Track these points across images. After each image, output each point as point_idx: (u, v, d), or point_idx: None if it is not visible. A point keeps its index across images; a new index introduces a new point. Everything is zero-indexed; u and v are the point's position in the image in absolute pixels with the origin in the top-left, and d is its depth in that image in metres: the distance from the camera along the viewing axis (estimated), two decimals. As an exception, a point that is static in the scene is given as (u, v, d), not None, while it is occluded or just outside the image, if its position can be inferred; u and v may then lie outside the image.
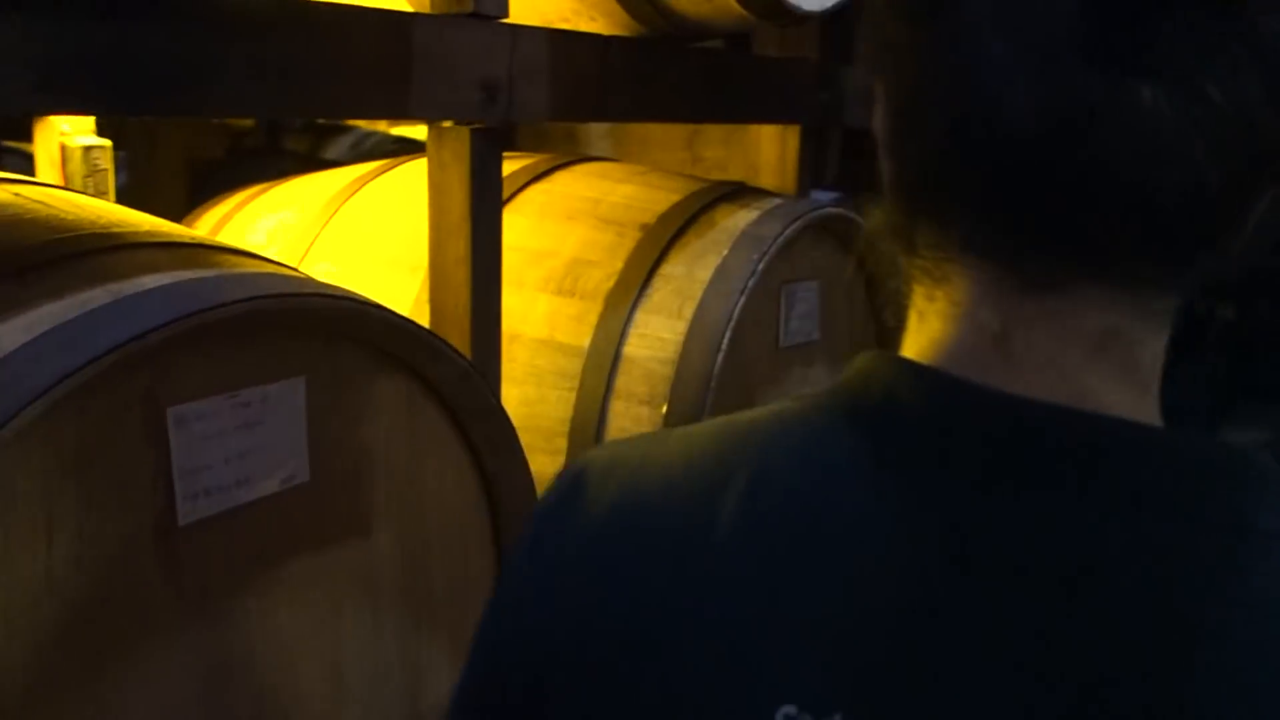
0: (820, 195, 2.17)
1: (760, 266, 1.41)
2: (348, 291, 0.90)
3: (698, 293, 1.41)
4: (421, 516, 1.04)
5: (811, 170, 2.01)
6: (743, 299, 1.38)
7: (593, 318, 1.44)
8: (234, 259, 0.93)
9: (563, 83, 1.33)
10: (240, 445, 0.86)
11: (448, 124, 1.25)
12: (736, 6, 1.41)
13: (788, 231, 1.46)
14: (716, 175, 2.10)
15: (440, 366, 1.00)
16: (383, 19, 1.12)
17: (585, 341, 1.43)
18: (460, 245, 1.26)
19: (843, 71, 1.99)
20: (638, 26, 1.47)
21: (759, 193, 1.62)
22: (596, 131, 2.22)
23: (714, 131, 2.09)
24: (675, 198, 1.55)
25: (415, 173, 1.75)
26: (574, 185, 1.61)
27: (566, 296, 1.47)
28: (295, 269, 0.97)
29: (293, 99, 1.05)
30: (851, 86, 2.02)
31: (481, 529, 1.12)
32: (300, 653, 0.95)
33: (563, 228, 1.53)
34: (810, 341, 1.64)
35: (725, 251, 1.44)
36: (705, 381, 1.36)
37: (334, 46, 1.06)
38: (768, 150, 2.00)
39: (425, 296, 1.53)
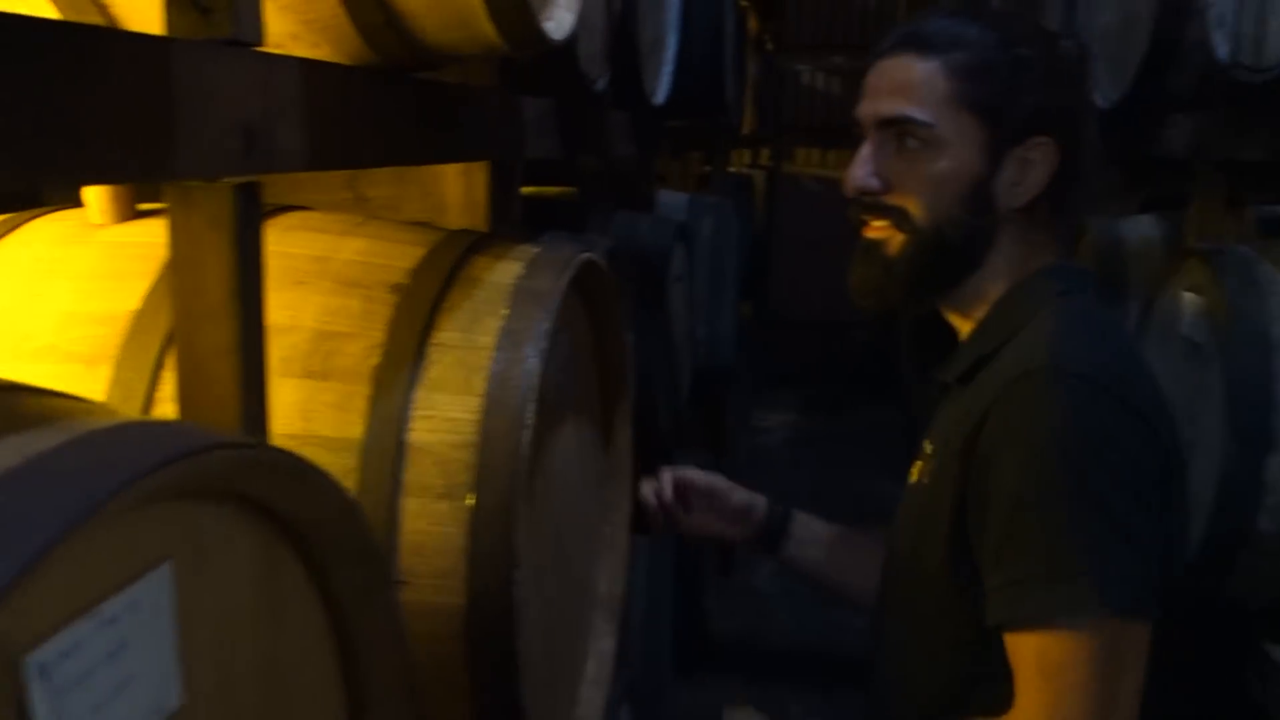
0: (493, 232, 2.02)
1: (548, 326, 1.26)
2: (237, 435, 0.64)
3: (484, 362, 1.23)
4: (288, 712, 0.78)
5: (499, 208, 1.86)
6: (539, 364, 1.23)
7: (360, 402, 1.20)
8: (38, 401, 0.62)
9: (316, 125, 1.09)
10: (110, 680, 0.58)
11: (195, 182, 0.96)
12: (492, 35, 1.24)
13: (563, 284, 1.31)
14: (389, 216, 1.88)
15: (318, 505, 0.75)
16: (137, 46, 0.83)
17: (357, 432, 1.19)
18: (225, 333, 0.98)
19: (524, 102, 1.87)
20: (371, 55, 1.25)
21: (504, 240, 1.46)
22: (234, 170, 1.89)
23: (384, 168, 1.87)
24: (419, 251, 1.34)
25: (44, 236, 1.37)
26: (285, 243, 1.34)
27: (319, 379, 1.21)
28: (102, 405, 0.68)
29: (27, 161, 0.74)
30: (532, 117, 1.91)
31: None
32: None
33: (293, 295, 1.27)
34: (565, 398, 1.51)
35: (506, 311, 1.26)
36: (514, 462, 1.18)
37: (84, 85, 0.77)
38: (453, 188, 1.82)
39: (121, 394, 1.20)
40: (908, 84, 1.25)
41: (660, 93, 3.16)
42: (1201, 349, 2.07)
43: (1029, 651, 1.12)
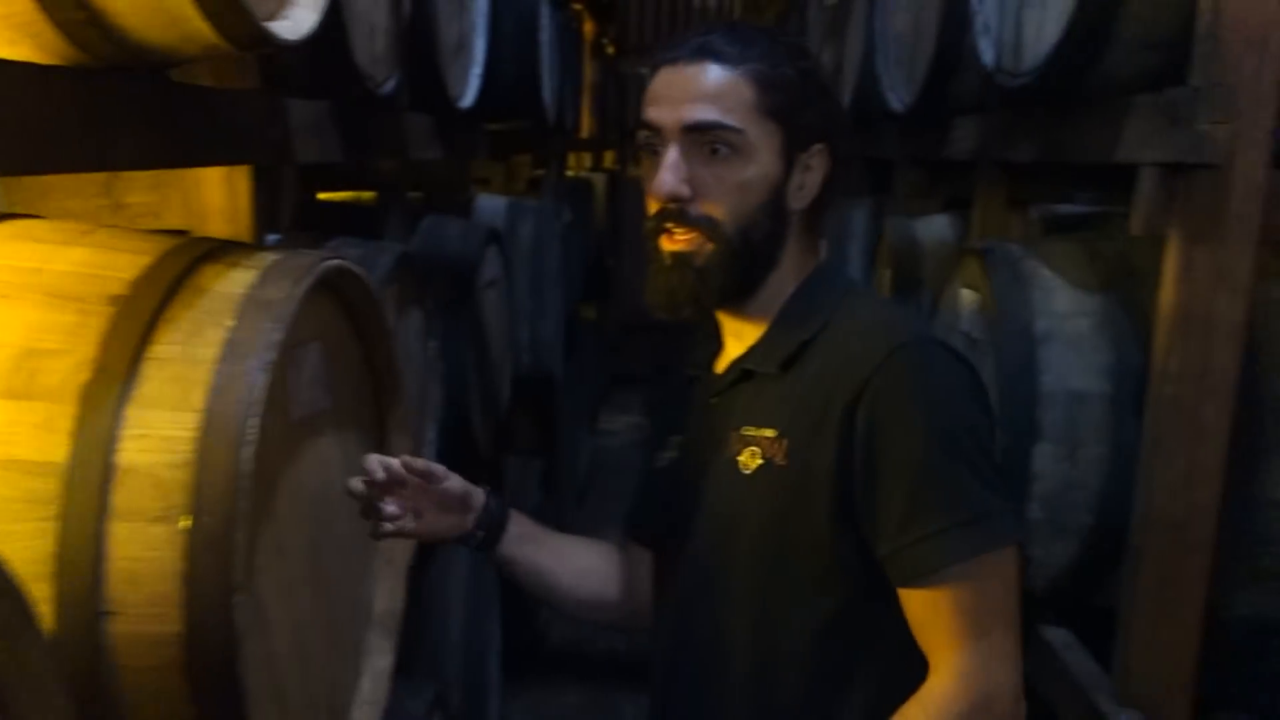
0: (269, 239, 1.96)
1: (278, 337, 1.21)
2: None
3: (205, 375, 1.17)
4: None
5: (267, 214, 1.80)
6: (264, 377, 1.17)
7: (66, 422, 1.13)
8: None
9: (2, 128, 1.02)
10: None
11: None
12: (212, 36, 1.19)
13: (299, 292, 1.26)
14: (149, 224, 1.80)
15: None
16: None
17: (61, 454, 1.12)
18: (-122, 354, 0.91)
19: (290, 105, 1.81)
20: (79, 55, 1.18)
21: (243, 247, 1.39)
22: (-25, 177, 1.78)
23: (141, 174, 1.78)
24: (144, 260, 1.27)
25: None
26: (-4, 253, 1.26)
27: (21, 400, 1.14)
28: None
29: None
30: (303, 121, 1.85)
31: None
32: None
33: (-4, 310, 1.19)
34: (318, 411, 1.45)
35: (231, 322, 1.21)
36: (235, 481, 1.13)
37: None
38: (213, 194, 1.75)
39: None
40: (716, 91, 1.28)
41: (468, 96, 3.11)
42: (978, 344, 2.14)
43: (946, 600, 1.21)
